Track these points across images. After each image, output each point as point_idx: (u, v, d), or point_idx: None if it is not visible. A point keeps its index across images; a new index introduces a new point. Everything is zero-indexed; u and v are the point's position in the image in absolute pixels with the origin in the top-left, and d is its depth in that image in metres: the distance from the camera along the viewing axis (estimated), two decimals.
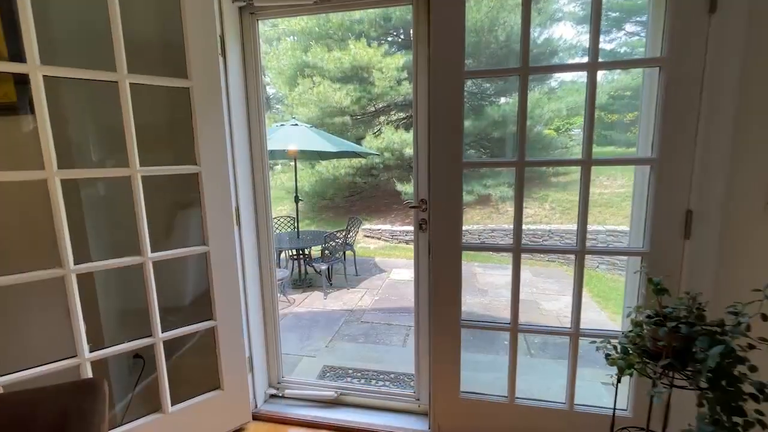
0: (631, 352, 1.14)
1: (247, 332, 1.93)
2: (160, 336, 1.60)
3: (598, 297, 5.42)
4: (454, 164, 1.56)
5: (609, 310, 4.99)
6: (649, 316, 1.20)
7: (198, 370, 1.95)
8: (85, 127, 1.81)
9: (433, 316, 1.70)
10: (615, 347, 1.22)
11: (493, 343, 4.01)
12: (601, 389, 2.73)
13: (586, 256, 1.58)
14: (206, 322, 1.73)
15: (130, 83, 1.45)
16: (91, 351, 1.47)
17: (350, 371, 2.77)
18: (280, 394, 2.14)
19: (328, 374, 2.75)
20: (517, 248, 1.57)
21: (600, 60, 1.41)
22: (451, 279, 1.64)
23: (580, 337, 1.67)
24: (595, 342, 1.32)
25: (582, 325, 1.64)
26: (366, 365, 2.93)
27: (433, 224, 1.64)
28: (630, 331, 1.25)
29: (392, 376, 2.71)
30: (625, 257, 6.58)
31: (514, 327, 1.68)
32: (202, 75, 1.60)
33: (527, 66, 1.49)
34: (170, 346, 1.69)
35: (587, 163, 1.50)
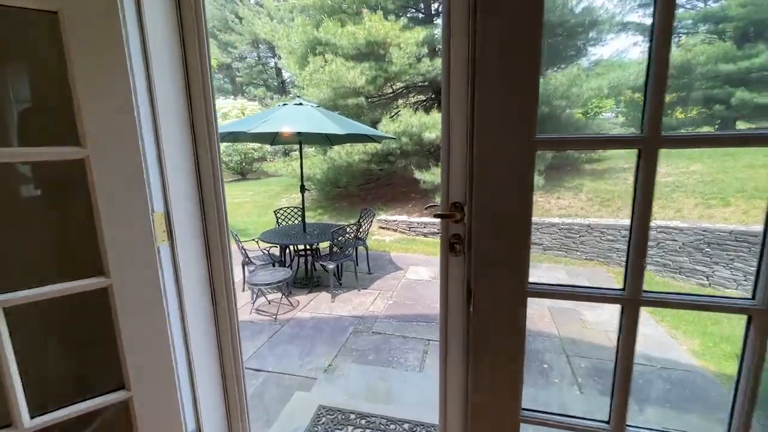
0: None
1: (192, 397, 1.31)
2: (27, 425, 0.99)
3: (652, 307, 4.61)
4: (521, 143, 0.85)
5: (667, 324, 4.19)
6: None
7: None
8: None
9: (471, 409, 1.01)
10: None
11: (530, 367, 3.31)
12: None
13: (623, 250, 0.86)
14: (114, 394, 1.11)
15: None
16: None
17: (352, 417, 2.14)
18: None
19: (323, 420, 2.13)
20: (635, 297, 0.87)
21: None
22: (506, 349, 0.95)
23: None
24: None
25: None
26: (374, 406, 2.30)
27: (478, 247, 0.95)
28: None
29: (407, 427, 2.06)
30: (677, 256, 5.70)
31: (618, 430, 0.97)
32: None
33: None
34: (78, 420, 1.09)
35: None
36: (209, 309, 1.38)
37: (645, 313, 4.44)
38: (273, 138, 5.58)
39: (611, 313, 4.44)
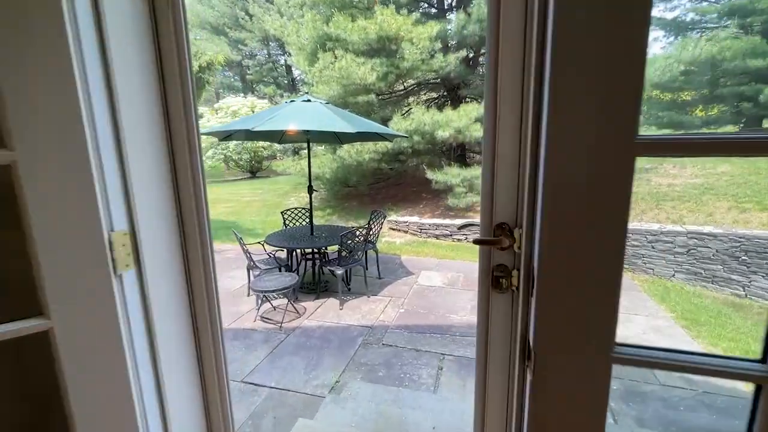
0: None
1: None
2: None
3: (684, 320, 4.26)
4: (623, 146, 0.58)
5: (704, 340, 3.85)
6: None
7: None
8: None
9: None
10: None
11: None
12: None
13: (649, 257, 0.58)
14: None
15: None
16: None
17: None
18: None
19: None
20: None
21: None
22: None
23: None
24: None
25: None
26: None
27: (545, 289, 0.68)
28: None
29: None
30: (710, 264, 5.32)
31: None
32: None
33: None
34: None
35: None
36: (190, 343, 1.14)
37: (677, 328, 4.09)
38: (280, 136, 5.36)
39: (642, 327, 4.11)
